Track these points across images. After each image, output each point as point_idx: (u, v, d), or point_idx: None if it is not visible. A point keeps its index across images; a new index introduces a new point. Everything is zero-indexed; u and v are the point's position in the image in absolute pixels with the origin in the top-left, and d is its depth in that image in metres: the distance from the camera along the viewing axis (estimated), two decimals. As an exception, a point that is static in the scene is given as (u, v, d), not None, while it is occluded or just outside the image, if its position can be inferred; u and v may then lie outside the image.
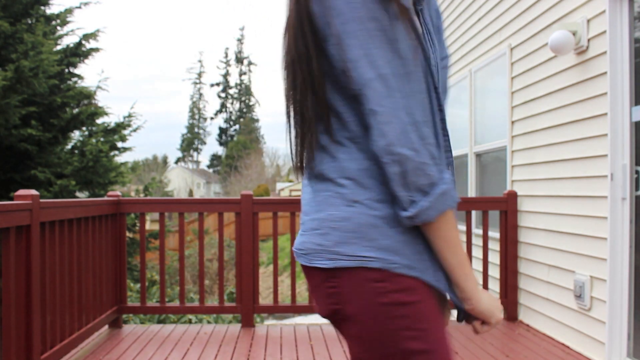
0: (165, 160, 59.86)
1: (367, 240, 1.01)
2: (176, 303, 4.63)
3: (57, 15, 8.62)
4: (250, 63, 62.66)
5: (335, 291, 1.03)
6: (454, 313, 1.12)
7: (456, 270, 1.04)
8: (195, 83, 63.70)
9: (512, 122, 4.56)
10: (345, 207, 1.02)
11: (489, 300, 1.09)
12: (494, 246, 4.53)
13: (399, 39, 0.98)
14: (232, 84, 62.79)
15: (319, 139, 1.07)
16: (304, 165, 1.10)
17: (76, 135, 8.59)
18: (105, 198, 4.06)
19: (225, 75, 62.58)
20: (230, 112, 62.56)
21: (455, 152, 6.27)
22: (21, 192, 2.82)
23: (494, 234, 4.51)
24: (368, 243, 1.00)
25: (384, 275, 1.00)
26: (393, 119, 0.96)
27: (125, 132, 8.75)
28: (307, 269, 1.08)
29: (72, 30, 8.75)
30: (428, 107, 1.03)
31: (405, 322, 1.00)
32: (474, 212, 4.59)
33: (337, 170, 1.04)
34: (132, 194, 10.49)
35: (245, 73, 62.69)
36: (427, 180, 0.98)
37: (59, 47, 8.45)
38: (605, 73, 3.22)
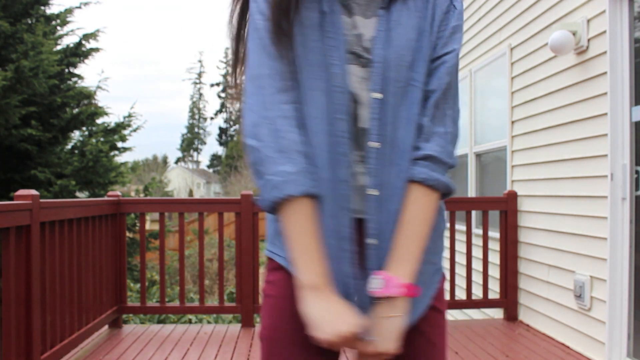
0: (165, 160, 59.81)
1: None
2: (176, 303, 4.63)
3: (57, 15, 8.62)
4: (250, 63, 62.45)
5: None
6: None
7: (294, 262, 1.05)
8: (195, 83, 63.69)
9: (512, 122, 4.56)
10: None
11: (318, 310, 1.00)
12: (494, 246, 4.53)
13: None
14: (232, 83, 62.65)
15: None
16: None
17: (76, 135, 8.60)
18: (105, 198, 4.06)
19: (225, 75, 62.56)
20: (230, 112, 62.56)
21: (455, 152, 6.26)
22: (21, 192, 2.82)
23: (494, 234, 4.50)
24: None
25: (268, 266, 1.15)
26: (246, 114, 1.08)
27: (125, 132, 8.76)
28: None
29: (72, 30, 8.75)
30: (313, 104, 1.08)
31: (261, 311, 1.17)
32: (474, 212, 4.59)
33: None
34: (132, 194, 10.49)
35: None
36: (263, 171, 1.03)
37: (59, 47, 8.45)
38: (605, 73, 3.22)
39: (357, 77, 1.07)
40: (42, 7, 8.40)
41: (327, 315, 0.99)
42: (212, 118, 63.59)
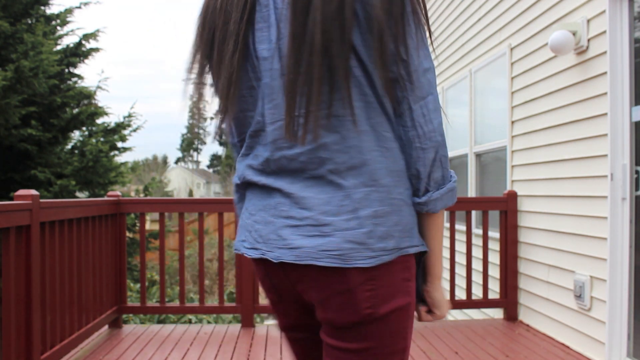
0: (165, 160, 59.81)
1: (407, 231, 1.03)
2: (176, 303, 4.63)
3: (57, 15, 8.62)
4: (250, 63, 62.47)
5: (373, 293, 0.99)
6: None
7: (437, 252, 1.09)
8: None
9: (512, 122, 4.56)
10: (387, 201, 1.01)
11: (443, 294, 1.15)
12: (494, 246, 4.53)
13: None
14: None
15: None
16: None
17: (76, 135, 8.60)
18: (105, 198, 4.06)
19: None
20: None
21: (455, 152, 6.27)
22: (21, 192, 2.82)
23: (494, 234, 4.50)
24: (408, 234, 1.03)
25: (410, 273, 1.04)
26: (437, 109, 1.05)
27: (125, 132, 8.76)
28: (334, 272, 0.99)
29: (72, 30, 8.75)
30: None
31: (410, 322, 1.06)
32: (474, 212, 4.59)
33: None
34: (132, 194, 10.49)
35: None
36: (444, 173, 1.05)
37: (59, 47, 8.45)
38: (605, 73, 3.22)
39: None
40: (42, 7, 8.40)
41: (446, 299, 1.14)
42: (212, 118, 63.38)
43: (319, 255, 0.98)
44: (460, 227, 4.67)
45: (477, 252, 4.45)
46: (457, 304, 4.48)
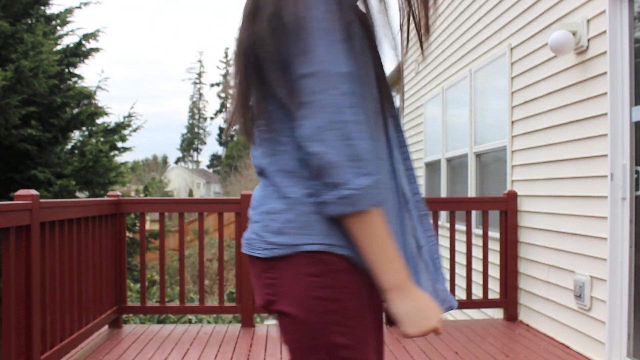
0: (165, 160, 59.78)
1: (304, 229, 1.05)
2: (176, 303, 4.63)
3: (57, 15, 8.62)
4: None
5: (274, 282, 1.08)
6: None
7: (375, 263, 1.04)
8: (195, 83, 63.68)
9: (512, 122, 4.56)
10: (280, 200, 1.08)
11: (410, 307, 1.05)
12: (494, 246, 4.53)
13: None
14: (232, 83, 62.66)
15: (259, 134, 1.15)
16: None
17: (76, 135, 8.60)
18: (105, 198, 4.06)
19: (225, 75, 62.56)
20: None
21: (455, 152, 6.27)
22: (21, 192, 2.82)
23: (494, 234, 4.50)
24: (306, 231, 1.05)
25: (320, 269, 1.05)
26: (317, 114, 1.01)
27: (125, 132, 8.76)
28: (250, 258, 1.14)
29: (72, 30, 8.75)
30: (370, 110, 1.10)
31: (335, 317, 1.05)
32: (474, 212, 4.59)
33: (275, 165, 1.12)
34: (132, 194, 10.49)
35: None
36: (334, 179, 1.00)
37: (59, 47, 8.45)
38: (605, 73, 3.22)
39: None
40: (42, 7, 8.40)
41: (417, 312, 1.05)
42: (212, 118, 63.54)
43: (242, 244, 1.16)
44: (460, 227, 4.67)
45: (477, 252, 4.45)
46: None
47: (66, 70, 8.43)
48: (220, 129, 61.81)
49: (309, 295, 1.04)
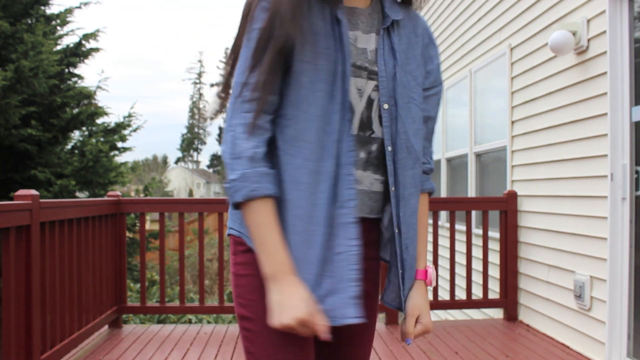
0: (165, 160, 59.78)
1: (233, 216, 1.27)
2: (176, 303, 4.63)
3: (57, 15, 8.61)
4: (250, 63, 62.43)
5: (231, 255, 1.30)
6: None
7: (257, 251, 1.15)
8: (195, 83, 63.68)
9: (512, 122, 4.56)
10: None
11: (283, 297, 1.10)
12: (494, 246, 4.53)
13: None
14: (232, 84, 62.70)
15: None
16: None
17: (76, 135, 8.59)
18: (105, 198, 4.06)
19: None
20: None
21: (455, 152, 6.27)
22: (21, 192, 2.82)
23: (494, 234, 4.50)
24: (233, 219, 1.27)
25: (235, 249, 1.25)
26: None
27: (125, 132, 8.75)
28: None
29: (72, 30, 8.74)
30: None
31: (239, 290, 1.21)
32: (473, 212, 4.59)
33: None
34: (132, 194, 10.49)
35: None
36: (226, 174, 1.16)
37: (59, 47, 8.44)
38: (605, 73, 3.22)
39: (355, 87, 1.20)
40: (42, 7, 8.39)
41: (280, 305, 1.09)
42: (212, 118, 63.46)
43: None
44: (460, 227, 4.66)
45: (477, 252, 4.45)
46: (457, 304, 4.49)
47: (66, 70, 8.43)
48: (220, 128, 61.79)
49: (231, 270, 1.25)
